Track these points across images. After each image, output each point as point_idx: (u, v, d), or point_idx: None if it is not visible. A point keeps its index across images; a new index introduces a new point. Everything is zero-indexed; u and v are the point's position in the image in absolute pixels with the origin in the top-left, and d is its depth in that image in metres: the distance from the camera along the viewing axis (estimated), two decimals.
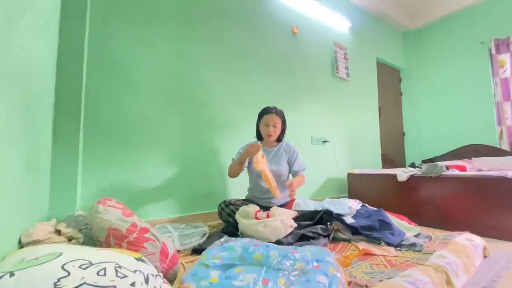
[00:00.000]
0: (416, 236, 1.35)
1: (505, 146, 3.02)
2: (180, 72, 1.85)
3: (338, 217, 1.40)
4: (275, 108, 1.72)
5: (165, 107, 1.77)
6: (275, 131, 1.69)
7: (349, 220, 1.41)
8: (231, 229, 1.34)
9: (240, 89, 2.15)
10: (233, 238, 1.00)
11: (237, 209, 1.47)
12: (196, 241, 1.26)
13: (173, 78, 1.82)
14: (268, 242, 1.04)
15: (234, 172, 1.68)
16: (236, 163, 1.65)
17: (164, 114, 1.76)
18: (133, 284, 0.52)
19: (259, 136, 1.80)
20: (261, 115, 1.73)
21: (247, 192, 1.83)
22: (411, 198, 2.12)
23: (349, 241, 1.30)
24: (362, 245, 1.20)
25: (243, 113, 2.13)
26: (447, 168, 2.08)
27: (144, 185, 1.65)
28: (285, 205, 1.69)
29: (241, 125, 2.11)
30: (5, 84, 0.68)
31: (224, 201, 1.61)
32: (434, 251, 1.10)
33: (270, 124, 1.67)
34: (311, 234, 1.24)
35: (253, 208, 1.36)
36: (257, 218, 1.29)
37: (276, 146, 1.79)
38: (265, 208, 1.48)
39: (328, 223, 1.35)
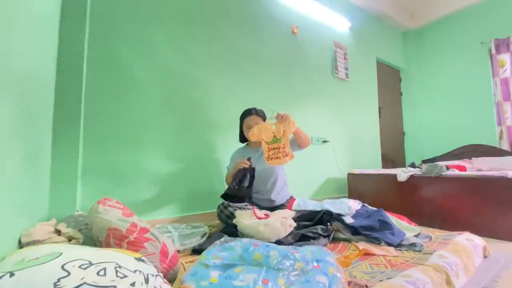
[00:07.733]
0: (416, 236, 1.35)
1: (505, 146, 3.02)
2: (180, 72, 1.85)
3: (338, 217, 1.40)
4: (254, 108, 1.72)
5: (165, 106, 1.77)
6: None
7: (349, 220, 1.40)
8: (231, 229, 1.34)
9: (240, 89, 2.15)
10: (233, 238, 1.00)
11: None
12: (196, 241, 1.26)
13: (173, 78, 1.82)
14: (268, 242, 1.04)
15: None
16: (230, 176, 1.63)
17: (164, 113, 1.76)
18: (133, 284, 0.52)
19: (243, 139, 1.78)
20: (242, 118, 1.73)
21: None
22: (411, 198, 2.12)
23: (349, 241, 1.29)
24: (362, 245, 1.20)
25: None
26: (447, 168, 2.08)
27: (144, 185, 1.65)
28: (285, 205, 1.69)
29: None
30: (5, 84, 0.68)
31: (223, 203, 1.61)
32: (434, 251, 1.09)
33: (251, 125, 1.64)
34: (311, 234, 1.24)
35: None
36: (256, 216, 1.29)
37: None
38: (265, 209, 1.47)
39: (328, 223, 1.35)
